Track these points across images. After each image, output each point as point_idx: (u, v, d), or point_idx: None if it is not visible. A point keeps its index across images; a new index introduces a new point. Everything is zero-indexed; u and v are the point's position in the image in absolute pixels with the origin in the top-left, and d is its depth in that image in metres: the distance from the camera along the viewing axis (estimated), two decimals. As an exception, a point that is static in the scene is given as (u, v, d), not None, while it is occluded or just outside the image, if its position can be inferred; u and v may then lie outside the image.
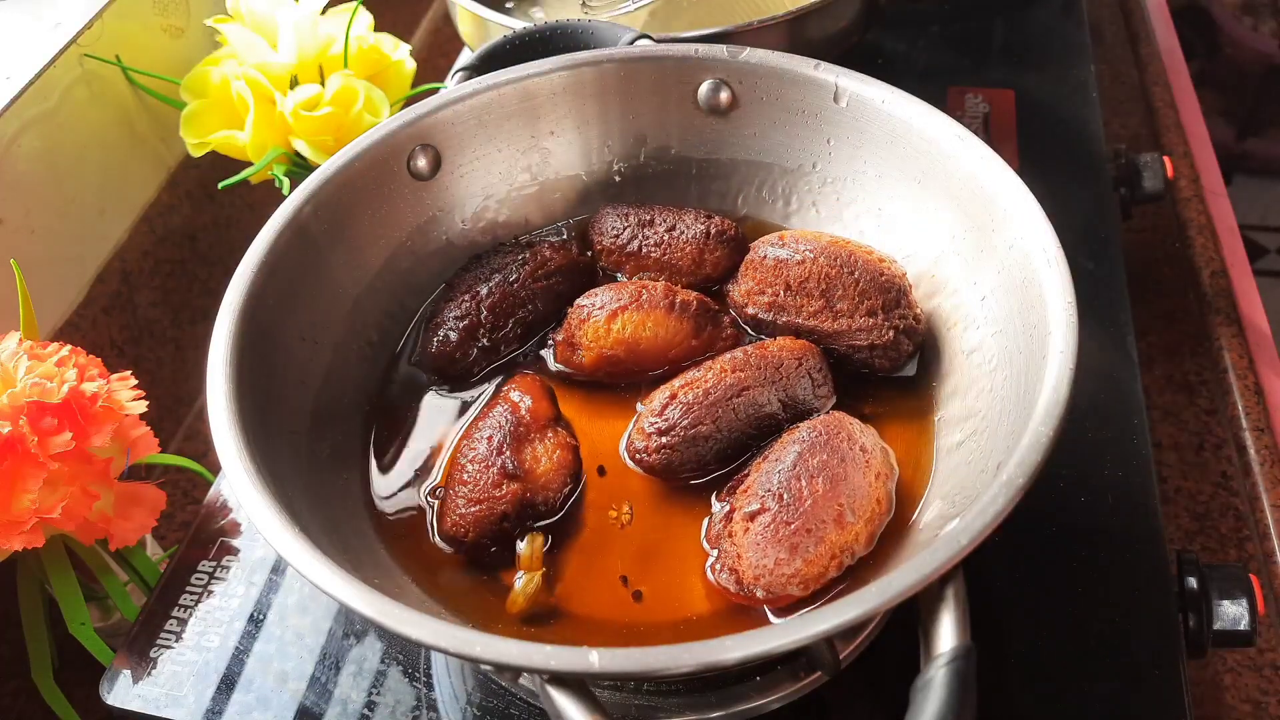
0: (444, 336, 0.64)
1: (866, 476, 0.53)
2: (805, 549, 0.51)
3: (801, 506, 0.51)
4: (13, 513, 0.60)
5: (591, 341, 0.63)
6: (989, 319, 0.58)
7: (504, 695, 0.60)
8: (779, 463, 0.54)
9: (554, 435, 0.58)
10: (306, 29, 0.85)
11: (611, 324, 0.62)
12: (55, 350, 0.65)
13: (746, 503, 0.53)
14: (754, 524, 0.52)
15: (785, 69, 0.67)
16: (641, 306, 0.62)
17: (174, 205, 0.94)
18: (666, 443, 0.57)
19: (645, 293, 0.63)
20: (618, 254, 0.69)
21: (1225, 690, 0.70)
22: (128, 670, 0.62)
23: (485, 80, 0.68)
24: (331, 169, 0.63)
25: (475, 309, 0.65)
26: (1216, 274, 0.94)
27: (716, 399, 0.57)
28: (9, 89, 0.78)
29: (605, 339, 0.62)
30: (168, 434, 0.92)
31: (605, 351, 0.63)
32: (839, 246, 0.62)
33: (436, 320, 0.65)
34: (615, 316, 0.62)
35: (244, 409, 0.52)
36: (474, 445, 0.58)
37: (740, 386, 0.58)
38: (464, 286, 0.66)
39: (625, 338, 0.62)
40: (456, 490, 0.56)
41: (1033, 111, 0.96)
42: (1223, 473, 0.82)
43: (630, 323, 0.62)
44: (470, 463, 0.57)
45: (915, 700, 0.41)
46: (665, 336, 0.63)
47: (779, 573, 0.51)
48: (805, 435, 0.55)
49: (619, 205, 0.71)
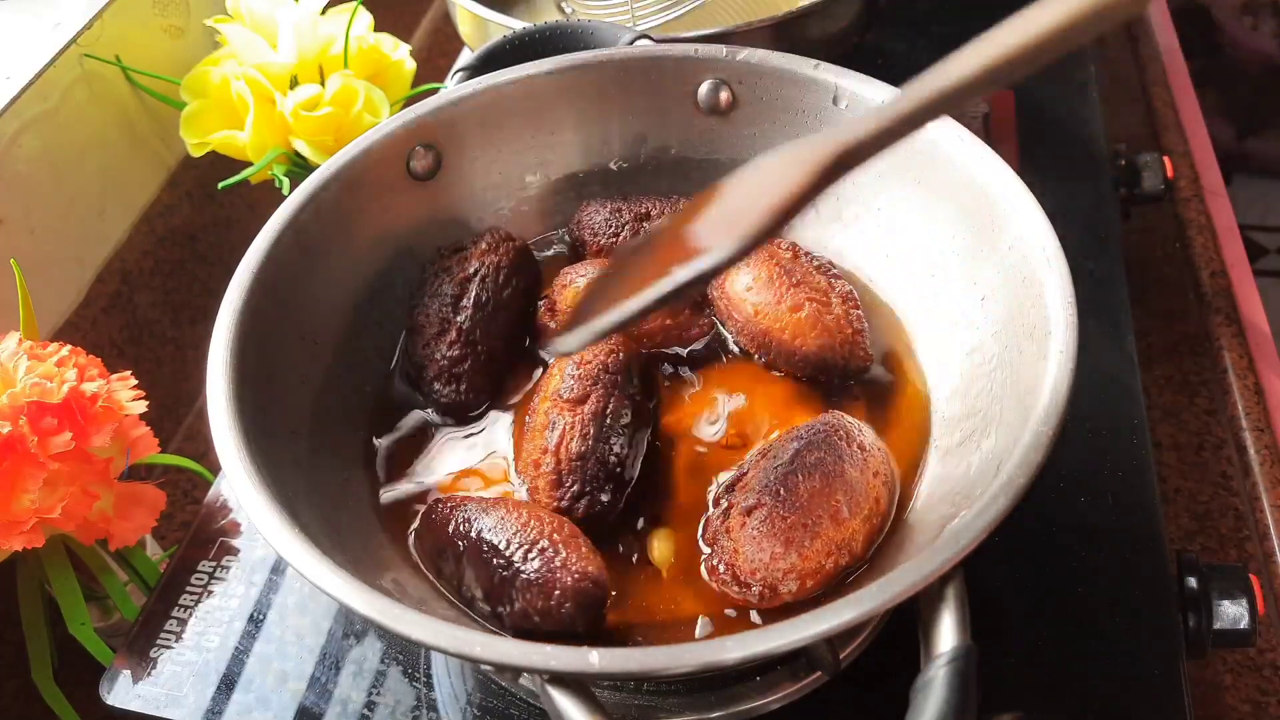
0: (456, 388, 0.62)
1: (864, 474, 0.53)
2: (801, 543, 0.51)
3: (798, 501, 0.51)
4: (13, 513, 0.60)
5: (569, 306, 0.64)
6: (989, 319, 0.58)
7: (504, 695, 0.60)
8: (776, 459, 0.54)
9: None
10: (306, 29, 0.85)
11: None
12: (55, 350, 0.65)
13: (744, 499, 0.53)
14: (750, 518, 0.52)
15: (785, 69, 0.67)
16: None
17: (174, 205, 0.94)
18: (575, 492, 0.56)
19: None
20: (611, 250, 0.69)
21: (1225, 690, 0.70)
22: (128, 670, 0.62)
23: (485, 80, 0.68)
24: (331, 169, 0.63)
25: (467, 346, 0.62)
26: (1216, 274, 0.94)
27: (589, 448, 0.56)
28: (9, 89, 0.78)
29: None
30: (168, 434, 0.92)
31: None
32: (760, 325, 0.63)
33: (431, 367, 0.62)
34: None
35: (244, 409, 0.52)
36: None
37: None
38: (436, 322, 0.63)
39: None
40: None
41: (1033, 111, 0.96)
42: (1223, 473, 0.82)
43: None
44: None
45: (915, 700, 0.41)
46: None
47: (775, 567, 0.51)
48: (804, 433, 0.55)
49: (602, 201, 0.70)
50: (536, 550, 0.50)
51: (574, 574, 0.49)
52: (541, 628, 0.49)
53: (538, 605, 0.49)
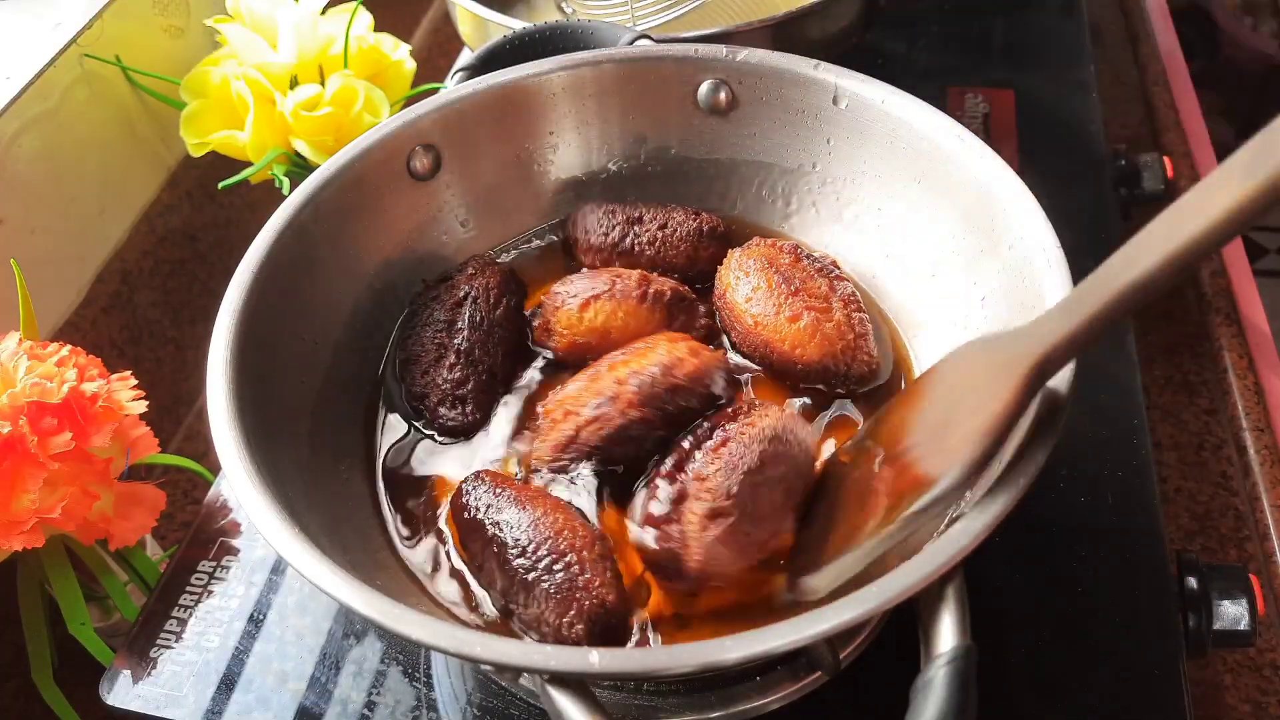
0: (461, 410, 0.61)
1: (810, 484, 0.55)
2: (750, 555, 0.52)
3: (760, 518, 0.52)
4: (13, 513, 0.60)
5: (565, 329, 0.63)
6: (989, 319, 0.58)
7: (504, 695, 0.60)
8: (742, 460, 0.52)
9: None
10: (306, 29, 0.85)
11: (584, 312, 0.63)
12: (55, 350, 0.65)
13: (706, 498, 0.51)
14: (713, 524, 0.51)
15: (785, 69, 0.67)
16: (614, 296, 0.63)
17: (174, 205, 0.94)
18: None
19: (619, 282, 0.63)
20: (607, 252, 0.68)
21: (1225, 690, 0.70)
22: (128, 670, 0.62)
23: (485, 80, 0.68)
24: (331, 169, 0.63)
25: (468, 367, 0.62)
26: (1216, 274, 0.94)
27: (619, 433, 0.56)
28: (9, 89, 0.78)
29: (578, 326, 0.63)
30: (168, 434, 0.92)
31: (577, 339, 0.63)
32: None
33: (433, 393, 0.61)
34: (588, 305, 0.63)
35: (244, 409, 0.52)
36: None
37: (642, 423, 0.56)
38: (433, 349, 0.62)
39: (597, 326, 0.63)
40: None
41: (1033, 111, 0.96)
42: (1223, 473, 0.82)
43: (602, 311, 0.63)
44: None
45: (915, 700, 0.41)
46: (636, 326, 0.63)
47: (721, 568, 0.52)
48: (766, 439, 0.53)
49: (600, 203, 0.70)
50: (563, 563, 0.50)
51: (593, 598, 0.49)
52: (549, 638, 0.50)
53: (550, 619, 0.50)
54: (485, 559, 0.53)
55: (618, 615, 0.50)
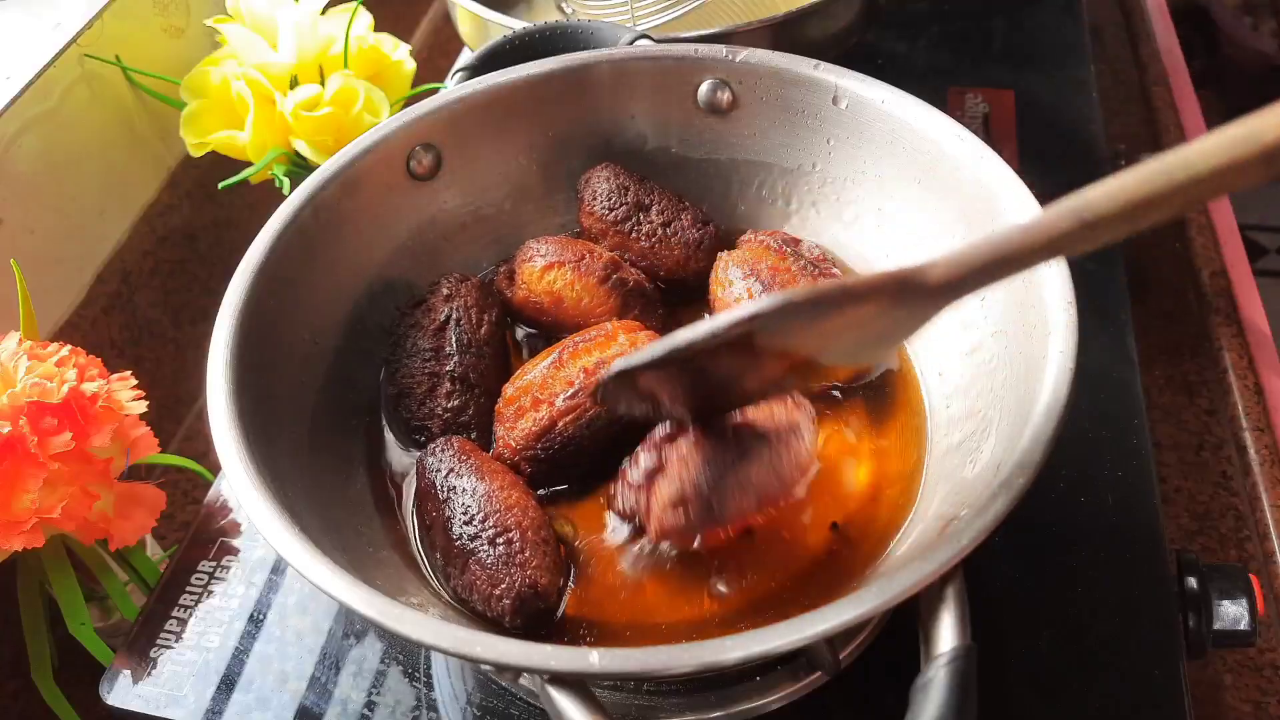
0: (465, 436, 0.60)
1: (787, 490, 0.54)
2: (708, 537, 0.54)
3: (726, 515, 0.52)
4: (13, 513, 0.60)
5: (524, 281, 0.65)
6: (989, 319, 0.58)
7: (504, 695, 0.60)
8: (725, 454, 0.51)
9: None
10: (306, 29, 0.85)
11: (546, 274, 0.65)
12: (55, 350, 0.65)
13: (677, 487, 0.51)
14: (676, 511, 0.51)
15: (785, 69, 0.67)
16: (578, 269, 0.64)
17: (174, 205, 0.94)
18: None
19: (588, 257, 0.65)
20: (606, 225, 0.68)
21: (1225, 690, 0.70)
22: (128, 670, 0.62)
23: (485, 80, 0.68)
24: (331, 169, 0.63)
25: (465, 393, 0.61)
26: (1216, 274, 0.94)
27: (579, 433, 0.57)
28: (9, 89, 0.78)
29: (535, 284, 0.65)
30: (168, 434, 0.92)
31: (532, 297, 0.65)
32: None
33: (434, 424, 0.60)
34: (551, 268, 0.65)
35: (244, 409, 0.52)
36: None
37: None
38: (424, 380, 0.61)
39: (553, 290, 0.64)
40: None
41: (1033, 111, 0.96)
42: (1223, 473, 0.82)
43: (561, 279, 0.64)
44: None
45: (915, 700, 0.41)
46: (589, 305, 0.64)
47: (677, 543, 0.54)
48: (760, 443, 0.53)
49: (617, 170, 0.69)
50: (505, 538, 0.52)
51: (526, 577, 0.51)
52: (475, 609, 0.52)
53: (481, 588, 0.51)
54: (434, 521, 0.55)
55: (546, 599, 0.52)
